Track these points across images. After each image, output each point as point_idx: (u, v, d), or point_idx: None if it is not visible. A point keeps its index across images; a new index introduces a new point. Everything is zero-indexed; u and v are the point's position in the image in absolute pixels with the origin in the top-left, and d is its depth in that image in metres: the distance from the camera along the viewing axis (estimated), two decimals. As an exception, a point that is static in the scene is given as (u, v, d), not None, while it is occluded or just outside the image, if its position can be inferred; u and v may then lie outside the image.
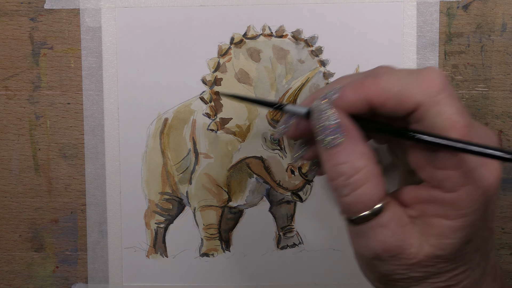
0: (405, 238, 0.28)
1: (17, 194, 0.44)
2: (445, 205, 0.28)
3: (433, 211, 0.28)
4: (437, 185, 0.28)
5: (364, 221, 0.29)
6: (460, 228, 0.28)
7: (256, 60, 0.42)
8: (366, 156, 0.28)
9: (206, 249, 0.44)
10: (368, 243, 0.29)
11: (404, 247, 0.28)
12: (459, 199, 0.27)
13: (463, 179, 0.27)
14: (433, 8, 0.41)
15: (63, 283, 0.44)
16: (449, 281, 0.29)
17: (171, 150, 0.43)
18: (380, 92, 0.28)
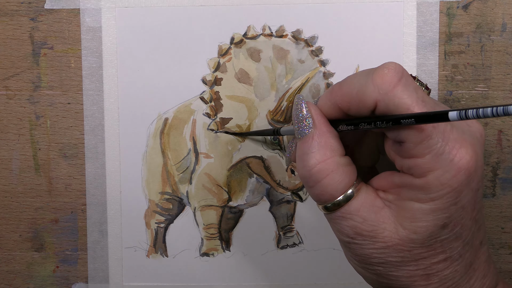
0: (378, 222, 0.30)
1: (17, 194, 0.44)
2: (415, 189, 0.29)
3: (406, 195, 0.29)
4: (407, 171, 0.29)
5: (336, 208, 0.30)
6: (432, 211, 0.28)
7: (256, 60, 0.42)
8: (331, 148, 0.30)
9: (206, 249, 0.44)
10: (341, 228, 0.31)
11: (377, 231, 0.30)
12: (428, 183, 0.28)
13: (430, 165, 0.28)
14: (433, 8, 0.41)
15: (63, 283, 0.44)
16: (427, 270, 0.30)
17: (171, 150, 0.43)
18: (343, 96, 0.30)
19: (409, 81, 0.28)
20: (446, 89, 0.42)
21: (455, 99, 0.42)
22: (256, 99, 0.42)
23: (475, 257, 0.31)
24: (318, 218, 0.43)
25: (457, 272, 0.30)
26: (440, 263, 0.30)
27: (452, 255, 0.30)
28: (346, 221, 0.30)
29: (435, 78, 0.42)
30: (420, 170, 0.28)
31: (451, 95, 0.42)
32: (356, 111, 0.29)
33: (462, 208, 0.29)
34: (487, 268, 0.32)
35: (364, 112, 0.29)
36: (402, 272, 0.30)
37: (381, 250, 0.30)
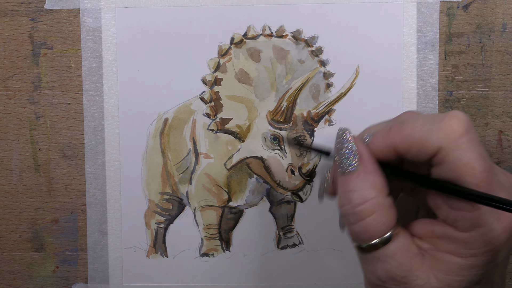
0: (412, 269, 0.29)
1: (17, 194, 0.44)
2: (457, 243, 0.28)
3: (444, 247, 0.29)
4: (452, 223, 0.28)
5: (372, 249, 0.29)
6: (469, 267, 0.28)
7: (256, 60, 0.42)
8: (377, 187, 0.29)
9: (206, 249, 0.44)
10: (374, 270, 0.30)
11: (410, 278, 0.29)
12: (471, 239, 0.28)
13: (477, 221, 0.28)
14: (433, 8, 0.41)
15: (63, 283, 0.44)
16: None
17: (171, 150, 0.43)
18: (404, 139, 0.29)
19: (475, 135, 0.28)
20: (446, 89, 0.42)
21: (455, 99, 0.42)
22: (256, 99, 0.42)
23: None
24: (318, 219, 0.43)
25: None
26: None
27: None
28: (381, 264, 0.29)
29: (435, 78, 0.42)
30: (466, 224, 0.28)
31: (451, 95, 0.42)
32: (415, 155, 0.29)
33: (497, 266, 0.29)
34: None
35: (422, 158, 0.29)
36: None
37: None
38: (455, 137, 0.28)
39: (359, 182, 0.30)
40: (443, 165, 0.28)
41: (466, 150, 0.27)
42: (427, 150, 0.28)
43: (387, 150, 0.30)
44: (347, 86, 0.42)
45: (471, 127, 0.28)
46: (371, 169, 0.30)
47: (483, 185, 0.27)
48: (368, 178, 0.30)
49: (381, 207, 0.29)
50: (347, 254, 0.43)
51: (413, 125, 0.29)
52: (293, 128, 0.42)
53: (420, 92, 0.42)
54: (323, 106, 0.42)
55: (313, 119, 0.42)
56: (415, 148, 0.29)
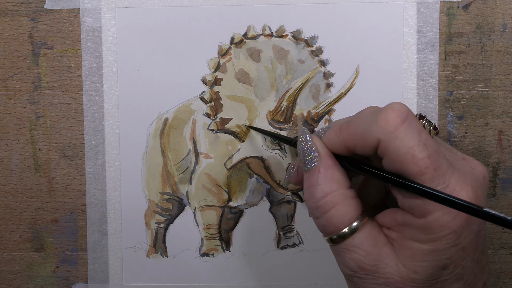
0: (380, 258, 0.30)
1: (17, 194, 0.44)
2: (416, 229, 0.29)
3: (407, 234, 0.29)
4: (408, 210, 0.29)
5: (341, 240, 0.30)
6: (431, 251, 0.28)
7: (256, 60, 0.42)
8: (337, 181, 0.31)
9: (206, 249, 0.44)
10: (344, 261, 0.31)
11: (379, 266, 0.30)
12: (428, 225, 0.28)
13: (430, 206, 0.28)
14: (433, 8, 0.41)
15: (63, 283, 0.44)
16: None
17: (171, 150, 0.43)
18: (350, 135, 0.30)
19: (413, 124, 0.28)
20: (446, 89, 0.42)
21: (455, 99, 0.42)
22: (256, 99, 0.42)
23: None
24: (318, 218, 0.43)
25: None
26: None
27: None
28: (350, 253, 0.30)
29: (435, 78, 0.42)
30: (420, 210, 0.28)
31: (451, 95, 0.42)
32: (361, 150, 0.30)
33: (463, 250, 0.29)
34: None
35: (368, 152, 0.29)
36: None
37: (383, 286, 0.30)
38: (391, 129, 0.28)
39: (320, 177, 0.31)
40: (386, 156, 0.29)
41: (403, 140, 0.28)
42: (368, 144, 0.29)
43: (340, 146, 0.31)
44: (347, 86, 0.42)
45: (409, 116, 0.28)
46: (330, 164, 0.31)
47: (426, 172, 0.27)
48: (327, 172, 0.31)
49: (342, 199, 0.30)
50: (347, 254, 0.43)
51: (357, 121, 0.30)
52: (293, 128, 0.42)
53: (420, 92, 0.42)
54: (323, 106, 0.42)
55: (313, 119, 0.42)
56: (359, 143, 0.30)
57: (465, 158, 0.31)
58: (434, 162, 0.28)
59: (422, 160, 0.27)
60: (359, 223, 0.30)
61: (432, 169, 0.27)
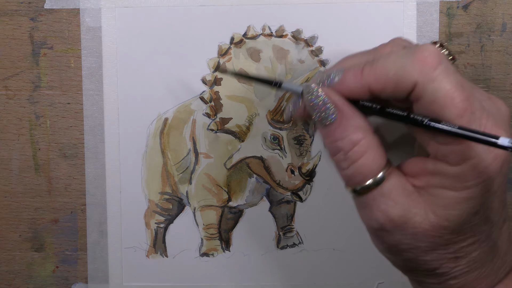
0: (409, 207, 0.29)
1: (17, 194, 0.44)
2: (450, 177, 0.28)
3: (438, 182, 0.28)
4: (442, 158, 0.28)
5: (367, 191, 0.29)
6: (465, 199, 0.28)
7: (256, 60, 0.42)
8: (362, 129, 0.29)
9: (206, 249, 0.44)
10: (372, 214, 0.30)
11: (408, 216, 0.29)
12: (463, 172, 0.27)
13: (466, 153, 0.27)
14: (433, 8, 0.41)
15: (63, 283, 0.44)
16: (457, 253, 0.30)
17: (171, 150, 0.43)
18: (378, 78, 0.28)
19: (449, 65, 0.27)
20: (446, 89, 0.42)
21: (455, 99, 0.42)
22: (256, 99, 0.42)
23: (499, 235, 0.31)
24: (318, 218, 0.43)
25: (484, 253, 0.30)
26: (469, 246, 0.29)
27: (480, 237, 0.30)
28: (377, 204, 0.29)
29: (435, 78, 0.42)
30: (456, 158, 0.27)
31: (451, 95, 0.42)
32: (391, 93, 0.28)
33: (494, 194, 0.29)
34: (508, 245, 0.31)
35: (399, 95, 0.28)
36: (431, 256, 0.30)
37: (411, 236, 0.29)
38: (429, 70, 0.27)
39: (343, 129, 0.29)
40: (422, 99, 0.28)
41: (442, 82, 0.27)
42: (403, 87, 0.28)
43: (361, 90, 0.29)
44: (347, 86, 0.42)
45: (443, 58, 0.28)
46: (351, 113, 0.29)
47: (465, 115, 0.27)
48: (350, 123, 0.29)
49: (370, 146, 0.29)
50: (347, 254, 0.43)
51: (385, 62, 0.29)
52: (293, 128, 0.42)
53: (420, 92, 0.42)
54: (323, 106, 0.42)
55: (313, 119, 0.42)
56: (390, 86, 0.28)
57: (491, 98, 0.30)
58: (471, 105, 0.27)
59: (461, 102, 0.27)
60: (385, 172, 0.29)
61: (470, 112, 0.27)
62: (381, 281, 0.43)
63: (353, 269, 0.43)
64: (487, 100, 0.29)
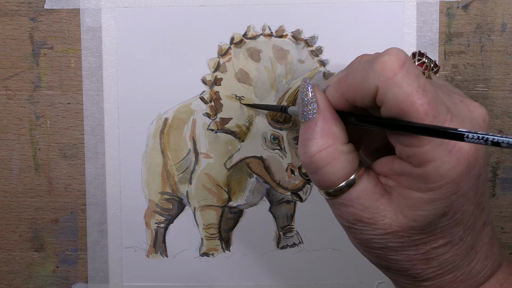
0: (378, 210, 0.29)
1: (17, 194, 0.44)
2: (414, 178, 0.28)
3: (406, 183, 0.29)
4: (406, 160, 0.28)
5: (338, 193, 0.30)
6: (431, 200, 0.28)
7: (256, 60, 0.42)
8: (334, 135, 0.30)
9: (206, 249, 0.44)
10: (342, 214, 0.31)
11: (377, 218, 0.29)
12: (427, 174, 0.27)
13: (428, 155, 0.27)
14: (433, 8, 0.41)
15: (63, 283, 0.44)
16: (427, 254, 0.30)
17: (171, 150, 0.43)
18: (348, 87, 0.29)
19: (411, 69, 0.27)
20: (446, 89, 0.42)
21: (455, 99, 0.42)
22: (256, 99, 0.42)
23: (477, 239, 0.31)
24: (318, 218, 0.43)
25: (458, 255, 0.30)
26: (440, 247, 0.30)
27: (452, 239, 0.30)
28: (347, 207, 0.30)
29: (435, 78, 0.42)
30: (418, 160, 0.28)
31: (451, 95, 0.42)
32: (360, 101, 0.29)
33: (463, 196, 0.29)
34: (489, 249, 0.31)
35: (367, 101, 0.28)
36: (402, 256, 0.30)
37: (381, 236, 0.30)
38: (389, 74, 0.27)
39: (316, 130, 0.30)
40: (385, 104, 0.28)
41: (402, 86, 0.27)
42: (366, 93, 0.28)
43: (339, 99, 0.30)
44: (347, 86, 0.42)
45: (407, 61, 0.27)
46: (328, 117, 0.30)
47: (426, 118, 0.27)
48: (325, 126, 0.30)
49: (338, 154, 0.29)
50: (347, 254, 0.43)
51: (354, 71, 0.29)
52: (293, 128, 0.42)
53: (420, 92, 0.42)
54: (323, 106, 0.42)
55: (313, 119, 0.42)
56: (358, 94, 0.29)
57: (463, 101, 0.30)
58: (434, 108, 0.27)
59: (421, 106, 0.27)
60: (356, 175, 0.30)
61: (431, 116, 0.27)
62: (381, 281, 0.43)
63: (353, 269, 0.43)
64: (458, 103, 0.30)
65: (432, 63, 0.33)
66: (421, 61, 0.33)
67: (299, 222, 0.43)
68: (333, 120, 0.30)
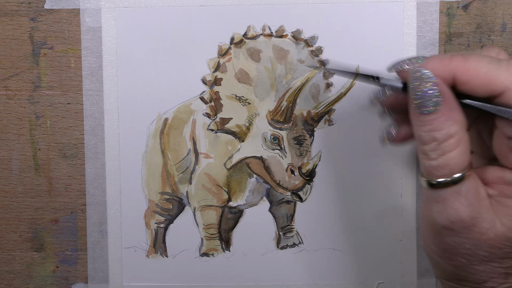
0: (481, 211, 0.29)
1: (17, 194, 0.44)
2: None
3: (509, 192, 0.29)
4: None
5: (444, 186, 0.29)
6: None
7: (256, 60, 0.42)
8: (460, 123, 0.29)
9: (206, 249, 0.44)
10: (443, 209, 0.29)
11: (478, 220, 0.29)
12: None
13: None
14: (433, 8, 0.41)
15: (63, 283, 0.44)
16: (509, 269, 0.29)
17: (171, 150, 0.43)
18: (468, 70, 0.29)
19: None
20: (446, 89, 0.42)
21: (455, 99, 0.42)
22: (256, 99, 0.42)
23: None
24: (318, 218, 0.43)
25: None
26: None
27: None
28: (452, 202, 0.29)
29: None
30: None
31: (451, 95, 0.42)
32: (475, 89, 0.29)
33: None
34: None
35: (484, 93, 0.29)
36: (485, 267, 0.29)
37: (473, 241, 0.29)
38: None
39: (444, 120, 0.29)
40: (509, 105, 0.28)
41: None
42: (492, 87, 0.28)
43: (444, 76, 0.29)
44: (347, 86, 0.42)
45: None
46: (454, 106, 0.29)
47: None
48: (452, 115, 0.29)
49: (462, 142, 0.29)
50: (347, 254, 0.43)
51: (479, 59, 0.29)
52: (293, 128, 0.42)
53: (420, 92, 0.42)
54: (323, 106, 0.42)
55: (313, 119, 0.42)
56: (478, 82, 0.29)
57: None
58: None
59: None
60: (465, 173, 0.29)
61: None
62: (381, 281, 0.43)
63: (353, 269, 0.43)
64: None
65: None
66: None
67: (299, 222, 0.43)
68: (457, 107, 0.29)
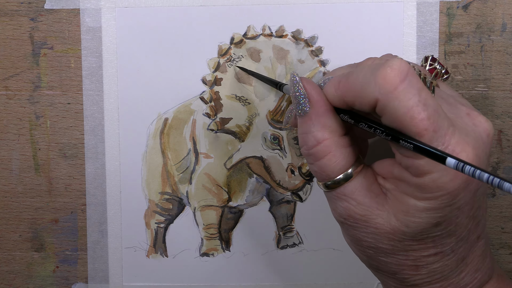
0: (371, 208, 0.30)
1: (17, 194, 0.44)
2: (412, 186, 0.28)
3: (403, 188, 0.29)
4: (405, 168, 0.29)
5: (335, 186, 0.30)
6: (425, 209, 0.28)
7: (256, 60, 0.42)
8: (329, 129, 0.30)
9: (206, 249, 0.44)
10: (335, 207, 0.31)
11: (369, 216, 0.30)
12: (424, 184, 0.28)
13: (426, 167, 0.27)
14: (433, 8, 0.41)
15: (63, 283, 0.44)
16: (417, 261, 0.30)
17: (171, 150, 0.43)
18: (348, 90, 0.29)
19: (413, 82, 0.27)
20: (446, 89, 0.42)
21: (455, 99, 0.42)
22: (256, 99, 0.42)
23: (469, 251, 0.31)
24: (318, 218, 0.43)
25: (447, 266, 0.30)
26: (430, 256, 0.30)
27: (443, 250, 0.30)
28: (341, 201, 0.30)
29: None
30: (416, 170, 0.28)
31: (451, 95, 0.42)
32: (359, 107, 0.29)
33: (458, 209, 0.29)
34: (481, 262, 0.32)
35: (366, 109, 0.29)
36: (391, 259, 0.30)
37: (372, 236, 0.30)
38: (390, 88, 0.27)
39: (312, 124, 0.30)
40: (384, 116, 0.28)
41: (402, 100, 0.27)
42: (366, 102, 0.28)
43: (339, 101, 0.30)
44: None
45: (409, 74, 0.27)
46: (322, 111, 0.30)
47: (425, 134, 0.27)
48: (319, 120, 0.30)
49: (335, 148, 0.30)
50: (347, 254, 0.43)
51: (356, 76, 0.29)
52: (293, 128, 0.42)
53: (420, 92, 0.42)
54: (323, 106, 0.42)
55: (313, 119, 0.42)
56: (357, 100, 0.29)
57: (470, 114, 0.30)
58: (434, 123, 0.27)
59: (421, 121, 0.27)
60: (354, 170, 0.30)
61: (431, 131, 0.27)
62: (381, 281, 0.43)
63: (353, 269, 0.43)
64: (464, 117, 0.29)
65: (443, 69, 0.33)
66: (432, 67, 0.33)
67: (299, 222, 0.43)
68: (326, 113, 0.30)
